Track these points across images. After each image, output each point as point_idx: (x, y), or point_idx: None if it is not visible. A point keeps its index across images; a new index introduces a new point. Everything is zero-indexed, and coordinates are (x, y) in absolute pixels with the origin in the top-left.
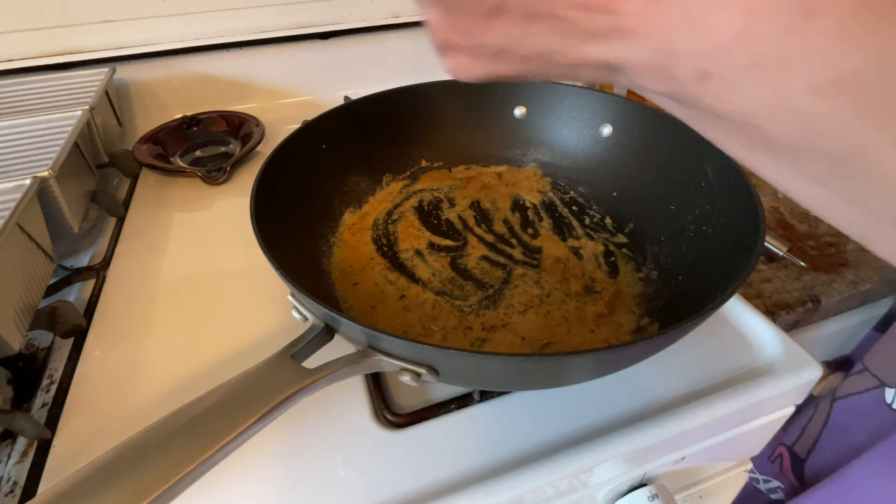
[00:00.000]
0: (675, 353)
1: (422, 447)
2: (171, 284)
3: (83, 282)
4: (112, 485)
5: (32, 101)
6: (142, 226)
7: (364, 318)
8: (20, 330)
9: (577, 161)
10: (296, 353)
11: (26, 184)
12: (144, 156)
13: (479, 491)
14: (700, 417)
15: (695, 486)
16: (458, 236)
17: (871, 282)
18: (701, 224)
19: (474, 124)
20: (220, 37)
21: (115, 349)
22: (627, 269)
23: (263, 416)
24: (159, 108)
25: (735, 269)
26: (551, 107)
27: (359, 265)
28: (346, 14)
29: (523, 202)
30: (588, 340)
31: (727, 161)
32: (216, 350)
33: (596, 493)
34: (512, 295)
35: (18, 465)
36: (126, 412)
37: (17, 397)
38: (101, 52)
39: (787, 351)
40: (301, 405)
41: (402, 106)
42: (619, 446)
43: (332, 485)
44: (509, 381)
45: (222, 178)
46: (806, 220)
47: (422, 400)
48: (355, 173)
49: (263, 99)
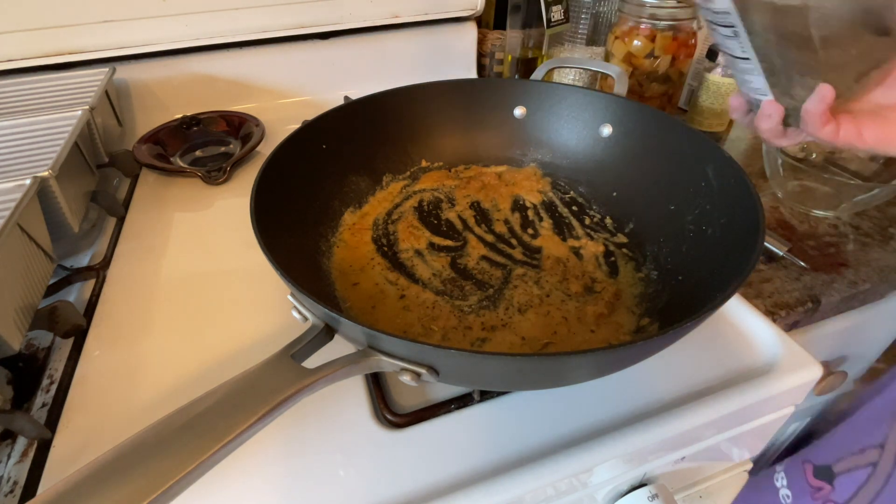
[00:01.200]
0: (675, 353)
1: (422, 447)
2: (170, 284)
3: (83, 282)
4: (112, 485)
5: (32, 101)
6: (142, 226)
7: (364, 318)
8: (20, 330)
9: (577, 161)
10: (296, 353)
11: (26, 184)
12: (144, 156)
13: (479, 491)
14: (700, 417)
15: (695, 486)
16: (458, 236)
17: (871, 282)
18: (701, 224)
19: (474, 124)
20: (220, 37)
21: (115, 349)
22: (627, 269)
23: (263, 416)
24: (159, 108)
25: (735, 269)
26: (551, 107)
27: (359, 265)
28: (346, 14)
29: (523, 202)
30: (588, 340)
31: (727, 161)
32: (216, 350)
33: (596, 493)
34: (512, 295)
35: (18, 465)
36: (126, 412)
37: (17, 397)
38: (101, 52)
39: (787, 351)
40: (301, 405)
41: (403, 106)
42: (619, 446)
43: (332, 485)
44: (509, 381)
45: (222, 178)
46: (806, 220)
47: (422, 400)
48: (355, 173)
49: (263, 99)
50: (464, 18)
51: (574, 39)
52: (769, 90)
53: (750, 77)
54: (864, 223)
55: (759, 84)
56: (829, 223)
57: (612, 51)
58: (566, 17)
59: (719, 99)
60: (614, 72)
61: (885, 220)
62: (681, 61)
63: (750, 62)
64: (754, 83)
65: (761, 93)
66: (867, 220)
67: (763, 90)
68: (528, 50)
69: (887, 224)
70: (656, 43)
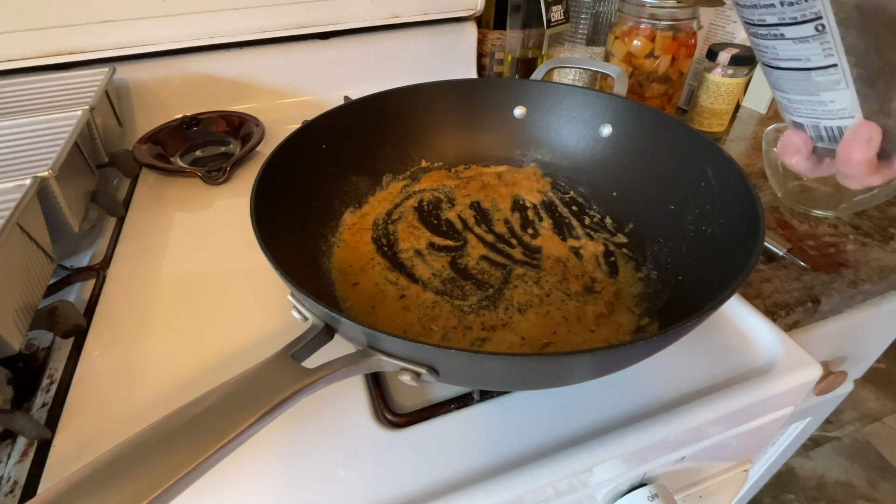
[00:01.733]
0: (675, 353)
1: (422, 447)
2: (170, 284)
3: (83, 282)
4: (112, 485)
5: (32, 101)
6: (142, 226)
7: (364, 317)
8: (20, 330)
9: (577, 161)
10: (296, 353)
11: (26, 184)
12: (144, 156)
13: (479, 491)
14: (700, 417)
15: (695, 486)
16: (458, 236)
17: (871, 282)
18: (701, 224)
19: (474, 124)
20: (220, 37)
21: (115, 349)
22: (627, 269)
23: (263, 416)
24: (159, 108)
25: (735, 269)
26: (551, 107)
27: (359, 265)
28: (346, 14)
29: (523, 202)
30: (588, 340)
31: (727, 161)
32: (216, 350)
33: (596, 493)
34: (512, 295)
35: (18, 465)
36: (126, 412)
37: (17, 397)
38: (101, 52)
39: (787, 351)
40: (301, 405)
41: (402, 106)
42: (619, 446)
43: (332, 485)
44: (509, 381)
45: (222, 178)
46: (806, 220)
47: (422, 400)
48: (355, 173)
49: (263, 99)
50: (464, 18)
51: (574, 39)
52: (858, 108)
53: (830, 94)
54: (864, 223)
55: (844, 102)
56: (829, 223)
57: (612, 51)
58: (566, 17)
59: (719, 99)
60: (614, 72)
61: (885, 220)
62: (681, 61)
63: (835, 71)
64: (837, 101)
65: (846, 115)
66: (867, 220)
67: (849, 110)
68: (528, 50)
69: (887, 224)
70: (656, 43)
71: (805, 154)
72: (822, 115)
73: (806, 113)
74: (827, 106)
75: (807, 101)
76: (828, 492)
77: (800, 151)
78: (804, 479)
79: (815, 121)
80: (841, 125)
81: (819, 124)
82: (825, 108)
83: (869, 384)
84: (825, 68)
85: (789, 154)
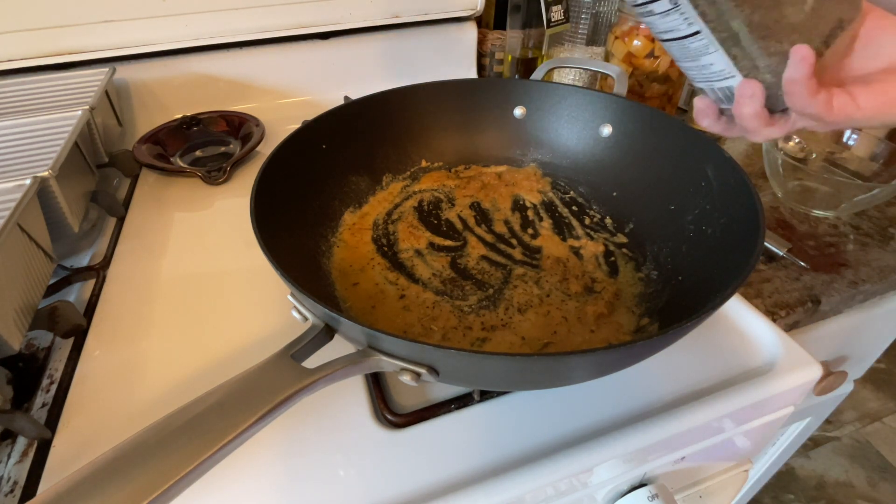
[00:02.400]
0: (675, 353)
1: (422, 447)
2: (171, 284)
3: (83, 282)
4: (112, 485)
5: (32, 101)
6: (142, 226)
7: (364, 318)
8: (20, 330)
9: (577, 161)
10: (296, 353)
11: (26, 184)
12: (144, 156)
13: (479, 491)
14: (700, 417)
15: (695, 486)
16: (458, 236)
17: (871, 282)
18: (701, 224)
19: (474, 124)
20: (220, 37)
21: (115, 349)
22: (627, 269)
23: (263, 416)
24: (159, 108)
25: (735, 269)
26: (551, 107)
27: (359, 265)
28: (346, 14)
29: (523, 202)
30: (588, 340)
31: (727, 161)
32: (216, 350)
33: (596, 493)
34: (512, 295)
35: (18, 465)
36: (126, 412)
37: (17, 397)
38: (101, 52)
39: (787, 351)
40: (301, 405)
41: (403, 106)
42: (619, 446)
43: (332, 484)
44: (509, 381)
45: (222, 178)
46: (806, 220)
47: (422, 400)
48: (355, 173)
49: (263, 99)
50: (464, 18)
51: (574, 39)
52: (735, 68)
53: (707, 58)
54: (864, 223)
55: (720, 63)
56: (829, 223)
57: (612, 51)
58: (566, 17)
59: None
60: (614, 72)
61: (885, 220)
62: None
63: (701, 35)
64: (715, 64)
65: (727, 75)
66: (867, 220)
67: (728, 70)
68: (528, 50)
69: (887, 224)
70: (656, 43)
71: (714, 116)
72: (710, 78)
73: (698, 78)
74: (710, 69)
75: (694, 67)
76: (828, 492)
77: (707, 115)
78: (804, 479)
79: (708, 84)
80: (727, 85)
81: (713, 87)
82: (710, 71)
83: (869, 384)
84: (692, 35)
85: (700, 118)
